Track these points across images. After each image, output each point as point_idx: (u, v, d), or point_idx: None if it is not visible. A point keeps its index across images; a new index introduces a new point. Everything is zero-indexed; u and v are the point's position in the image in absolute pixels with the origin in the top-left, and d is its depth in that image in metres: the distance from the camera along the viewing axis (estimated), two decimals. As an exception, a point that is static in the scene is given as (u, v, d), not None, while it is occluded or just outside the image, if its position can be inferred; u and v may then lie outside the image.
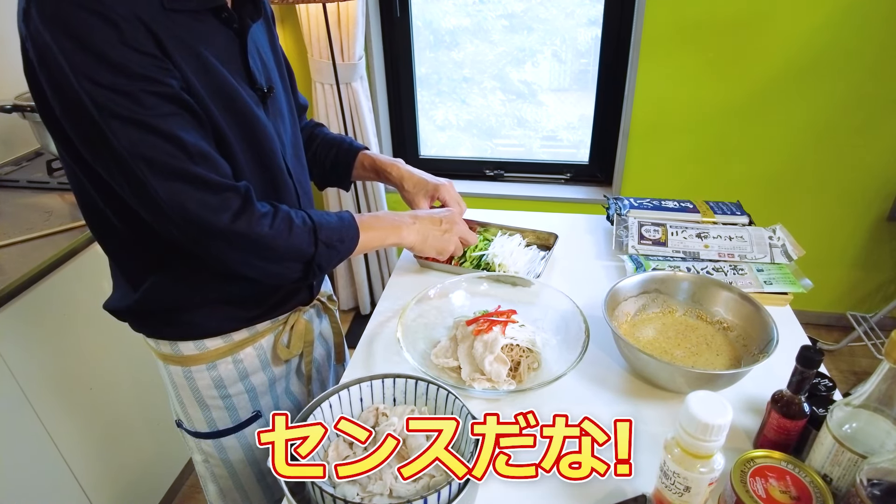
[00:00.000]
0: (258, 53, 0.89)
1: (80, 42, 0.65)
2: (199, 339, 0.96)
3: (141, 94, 0.69)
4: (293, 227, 0.82)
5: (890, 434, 0.65)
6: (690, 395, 0.63)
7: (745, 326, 0.97)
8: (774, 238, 1.22)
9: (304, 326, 1.07)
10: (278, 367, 1.07)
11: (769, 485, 0.68)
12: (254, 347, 1.01)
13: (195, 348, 0.96)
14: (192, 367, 0.98)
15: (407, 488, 0.71)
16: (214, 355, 0.98)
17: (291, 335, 1.05)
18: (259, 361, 1.03)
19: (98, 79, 0.67)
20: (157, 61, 0.70)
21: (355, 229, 0.91)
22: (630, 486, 0.78)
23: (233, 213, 0.77)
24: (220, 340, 0.97)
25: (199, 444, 1.07)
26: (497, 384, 0.91)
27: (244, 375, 1.02)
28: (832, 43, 2.01)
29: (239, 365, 1.01)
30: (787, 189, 2.31)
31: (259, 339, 1.02)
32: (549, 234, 1.33)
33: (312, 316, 1.13)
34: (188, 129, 0.73)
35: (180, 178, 0.73)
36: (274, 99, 0.91)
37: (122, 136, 0.69)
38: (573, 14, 2.33)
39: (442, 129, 2.71)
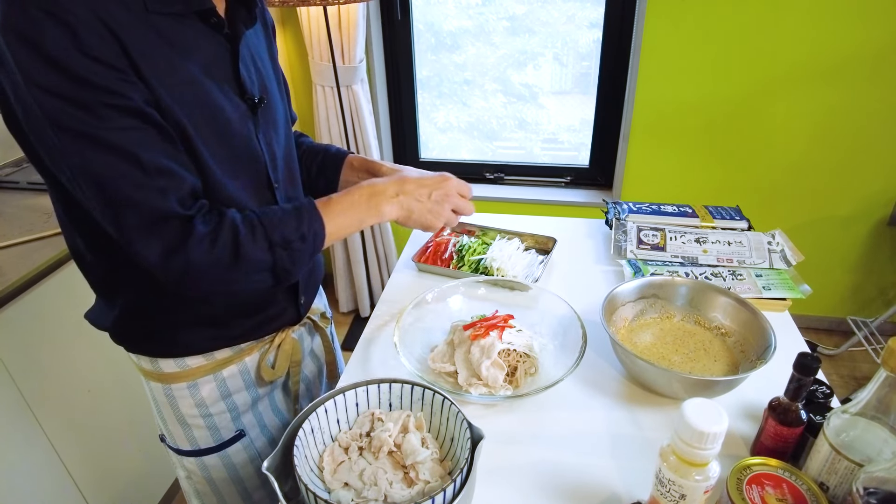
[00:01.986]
0: (252, 61, 0.85)
1: (32, 45, 0.61)
2: (180, 356, 0.92)
3: (96, 106, 0.64)
4: (240, 240, 0.75)
5: (887, 442, 0.65)
6: (686, 402, 0.63)
7: (743, 332, 0.96)
8: (773, 243, 1.22)
9: (292, 346, 1.03)
10: (262, 388, 1.03)
11: (765, 492, 0.68)
12: (237, 366, 0.97)
13: (176, 366, 0.92)
14: (173, 385, 0.94)
15: (402, 494, 0.71)
16: (196, 373, 0.93)
17: (277, 355, 1.01)
18: (242, 381, 0.99)
19: (49, 86, 0.62)
20: (116, 73, 0.65)
21: (318, 219, 0.81)
22: (626, 493, 0.77)
23: (167, 249, 0.71)
24: (201, 359, 0.93)
25: (181, 461, 1.04)
26: (494, 389, 0.91)
27: (226, 395, 0.98)
28: (833, 48, 2.01)
29: (221, 384, 0.96)
30: (788, 193, 2.31)
31: (243, 358, 0.97)
32: (548, 239, 1.33)
33: (303, 334, 1.09)
34: (148, 145, 0.68)
35: (127, 204, 0.69)
36: (267, 109, 0.86)
37: (73, 151, 0.65)
38: (574, 17, 2.33)
39: (443, 132, 2.71)
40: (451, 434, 0.78)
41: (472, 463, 0.69)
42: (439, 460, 0.77)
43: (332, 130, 2.33)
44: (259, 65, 0.87)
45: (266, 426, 1.06)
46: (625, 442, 0.85)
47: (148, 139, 0.68)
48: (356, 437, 0.79)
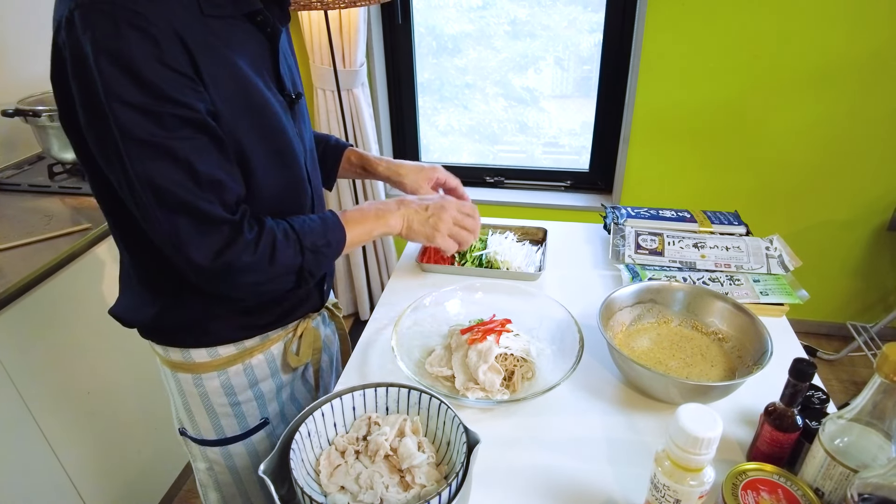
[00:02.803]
0: (285, 58, 0.90)
1: (118, 58, 0.64)
2: (211, 346, 0.96)
3: (164, 116, 0.68)
4: (276, 245, 0.81)
5: (882, 448, 0.65)
6: (681, 407, 0.63)
7: (740, 337, 0.97)
8: (771, 249, 1.22)
9: (313, 334, 1.08)
10: (286, 375, 1.07)
11: (761, 498, 0.68)
12: (264, 354, 1.01)
13: (208, 356, 0.96)
14: (203, 375, 0.98)
15: (398, 498, 0.71)
16: (226, 362, 0.97)
17: (300, 343, 1.06)
18: (269, 368, 1.03)
19: (128, 98, 0.66)
20: (189, 81, 0.69)
21: (340, 228, 0.89)
22: (622, 498, 0.78)
23: (216, 251, 0.76)
24: (232, 348, 0.97)
25: (204, 452, 1.07)
26: (491, 394, 0.91)
27: (254, 382, 1.02)
28: (833, 53, 2.01)
29: (249, 372, 1.00)
30: (788, 198, 2.31)
31: (270, 346, 1.02)
32: (538, 229, 1.39)
33: (319, 323, 1.13)
34: (204, 155, 0.73)
35: (183, 210, 0.73)
36: (300, 103, 0.92)
37: (137, 159, 0.69)
38: (576, 21, 2.33)
39: (444, 135, 2.72)
40: (448, 438, 0.78)
41: (467, 467, 0.69)
42: (435, 464, 0.77)
43: (333, 134, 2.33)
44: (289, 61, 0.92)
45: (286, 416, 1.10)
46: (621, 447, 0.85)
47: (205, 149, 0.73)
48: (353, 440, 0.79)
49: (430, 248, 1.33)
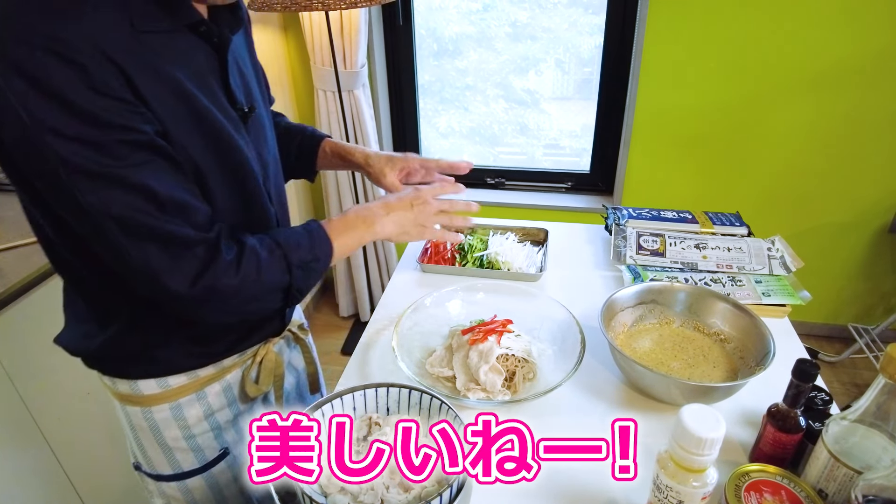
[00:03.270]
0: (238, 68, 0.83)
1: (42, 88, 0.58)
2: (161, 376, 0.88)
3: (112, 145, 0.63)
4: (261, 264, 0.76)
5: (886, 449, 0.65)
6: (684, 408, 0.63)
7: (742, 338, 0.96)
8: (773, 250, 1.21)
9: (274, 360, 0.99)
10: (245, 404, 0.99)
11: (764, 499, 0.68)
12: (220, 383, 0.94)
13: (157, 387, 0.88)
14: (153, 408, 0.90)
15: (398, 499, 0.71)
16: (177, 393, 0.90)
17: (260, 370, 0.97)
18: (225, 398, 0.95)
19: (63, 130, 0.60)
20: (129, 105, 0.63)
21: (327, 240, 0.84)
22: (624, 499, 0.77)
23: (194, 276, 0.71)
24: (184, 377, 0.90)
25: (160, 488, 0.98)
26: (492, 394, 0.91)
27: (209, 413, 0.94)
28: (834, 55, 2.01)
29: (204, 402, 0.93)
30: (789, 200, 2.31)
31: (226, 375, 0.94)
32: (539, 230, 1.38)
33: (282, 347, 1.06)
34: (162, 178, 0.67)
35: (150, 237, 0.68)
36: (255, 116, 0.85)
37: (90, 192, 0.63)
38: (576, 23, 2.34)
39: (444, 137, 2.72)
40: (449, 439, 0.77)
41: (468, 468, 0.69)
42: (436, 465, 0.76)
43: (334, 135, 2.34)
44: (244, 69, 0.85)
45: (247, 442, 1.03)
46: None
47: (161, 172, 0.68)
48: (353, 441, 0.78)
49: (430, 248, 1.33)
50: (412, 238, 0.95)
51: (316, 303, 2.90)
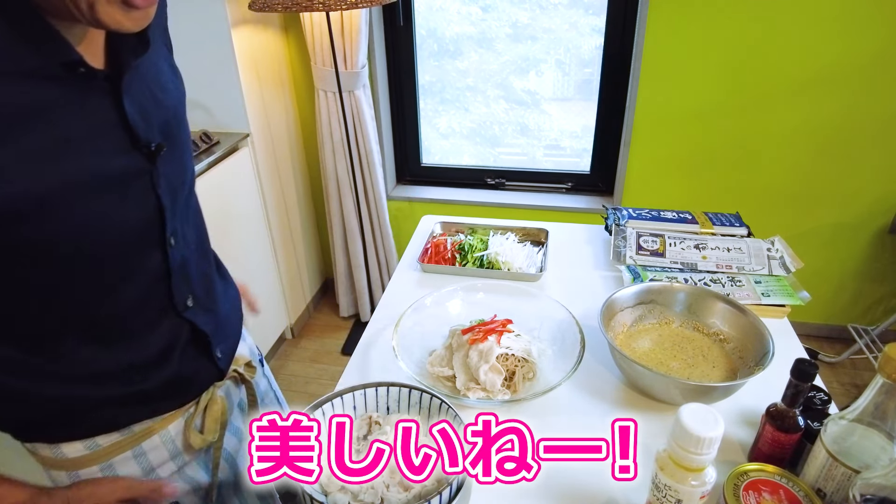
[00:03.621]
0: (148, 92, 0.69)
1: None
2: (89, 437, 0.76)
3: None
4: None
5: (884, 449, 0.65)
6: (682, 407, 0.63)
7: (741, 338, 0.97)
8: (773, 250, 1.22)
9: (221, 406, 0.87)
10: (190, 454, 0.87)
11: (762, 498, 0.68)
12: (160, 436, 0.81)
13: (84, 448, 0.75)
14: (82, 471, 0.76)
15: (398, 497, 0.71)
16: (109, 452, 0.77)
17: (205, 418, 0.85)
18: (167, 451, 0.83)
19: None
20: None
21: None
22: (623, 498, 0.77)
23: None
24: (116, 435, 0.77)
25: None
26: (492, 394, 0.91)
27: (149, 470, 0.81)
28: (833, 55, 2.01)
29: (142, 459, 0.80)
30: (789, 200, 2.31)
31: (167, 426, 0.81)
32: (539, 230, 1.39)
33: (230, 388, 0.92)
34: None
35: None
36: (171, 145, 0.71)
37: None
38: (577, 24, 2.34)
39: (445, 137, 2.72)
40: (449, 438, 0.78)
41: (468, 467, 0.69)
42: (436, 464, 0.77)
43: (335, 136, 2.34)
44: (157, 92, 0.71)
45: (200, 486, 0.90)
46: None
47: None
48: (353, 440, 0.79)
49: (430, 248, 1.33)
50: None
51: (316, 303, 2.90)
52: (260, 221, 2.30)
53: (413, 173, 2.76)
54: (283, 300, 2.54)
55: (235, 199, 2.13)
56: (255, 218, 2.27)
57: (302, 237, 2.67)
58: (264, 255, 2.35)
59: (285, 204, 2.50)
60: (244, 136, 2.14)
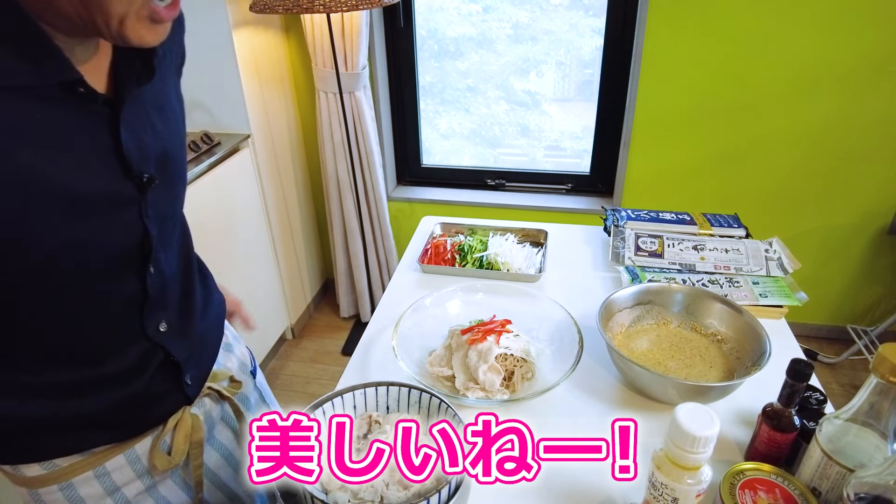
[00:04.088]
0: (147, 121, 0.67)
1: None
2: (46, 460, 0.73)
3: None
4: None
5: (878, 448, 0.66)
6: (678, 406, 0.64)
7: (738, 339, 0.97)
8: (771, 251, 1.22)
9: (191, 423, 0.83)
10: (160, 474, 0.83)
11: (758, 497, 0.69)
12: (125, 456, 0.78)
13: (42, 469, 0.74)
14: (41, 490, 0.74)
15: (398, 496, 0.72)
16: (70, 472, 0.74)
17: (175, 436, 0.81)
18: (133, 471, 0.79)
19: None
20: None
21: None
22: (621, 497, 0.78)
23: None
24: (77, 455, 0.74)
25: None
26: (491, 393, 0.92)
27: (113, 489, 0.78)
28: (833, 57, 2.02)
29: (105, 479, 0.77)
30: (789, 201, 2.32)
31: (132, 445, 0.78)
32: (539, 231, 1.39)
33: (206, 404, 0.88)
34: None
35: None
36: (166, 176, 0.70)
37: None
38: (577, 25, 2.35)
39: (445, 138, 2.73)
40: (448, 437, 0.78)
41: (467, 465, 0.70)
42: (435, 463, 0.77)
43: (335, 137, 2.35)
44: (157, 122, 0.69)
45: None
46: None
47: None
48: (353, 438, 0.79)
49: (430, 249, 1.34)
50: None
51: (317, 303, 2.91)
52: (260, 222, 2.31)
53: (413, 174, 2.77)
54: (283, 300, 2.54)
55: (236, 199, 2.14)
56: (256, 219, 2.28)
57: (302, 238, 2.68)
58: (265, 255, 2.36)
59: (286, 205, 2.51)
60: (245, 137, 2.14)
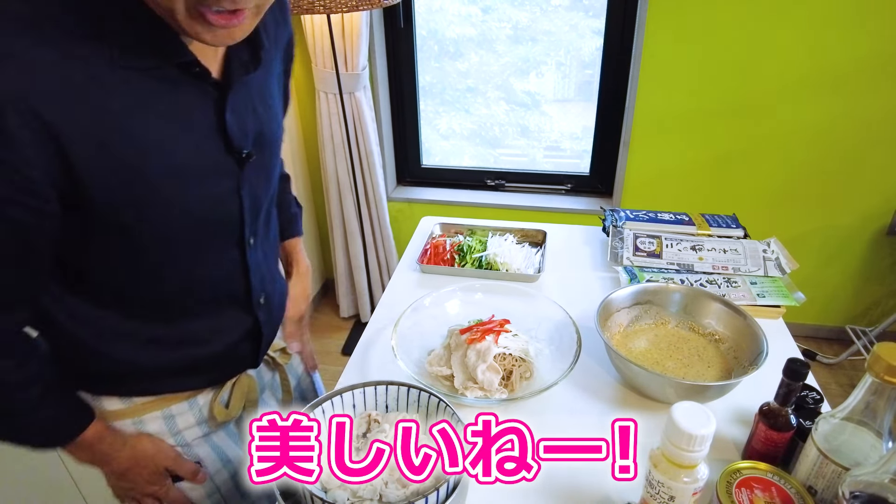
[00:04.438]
0: (251, 105, 0.76)
1: None
2: (126, 396, 0.84)
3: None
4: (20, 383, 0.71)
5: (874, 447, 0.66)
6: (675, 405, 0.64)
7: (736, 338, 0.98)
8: (769, 251, 1.23)
9: (248, 384, 0.94)
10: (216, 424, 0.93)
11: (754, 496, 0.69)
12: (188, 403, 0.88)
13: (121, 403, 0.84)
14: (116, 423, 0.84)
15: (396, 494, 0.72)
16: (142, 410, 0.85)
17: (232, 393, 0.92)
18: (194, 418, 0.89)
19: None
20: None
21: (74, 431, 0.77)
22: (618, 496, 0.79)
23: None
24: (151, 397, 0.85)
25: None
26: (489, 393, 0.92)
27: (176, 432, 0.88)
28: (832, 57, 2.02)
29: (170, 421, 0.87)
30: (788, 202, 2.32)
31: (195, 395, 0.89)
32: (537, 231, 1.40)
33: (262, 370, 1.00)
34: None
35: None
36: (260, 156, 0.78)
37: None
38: (577, 26, 2.35)
39: (445, 138, 2.73)
40: (446, 436, 0.79)
41: (465, 464, 0.70)
42: (434, 461, 0.78)
43: (335, 137, 2.35)
44: (258, 107, 0.78)
45: (230, 460, 0.95)
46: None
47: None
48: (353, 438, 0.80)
49: (430, 249, 1.34)
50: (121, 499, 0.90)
51: (317, 304, 2.91)
52: (261, 222, 2.31)
53: (413, 174, 2.77)
54: (283, 300, 2.54)
55: (237, 199, 2.13)
56: (257, 219, 2.27)
57: (303, 238, 2.68)
58: (265, 255, 2.36)
59: (286, 205, 2.51)
60: (245, 138, 2.14)
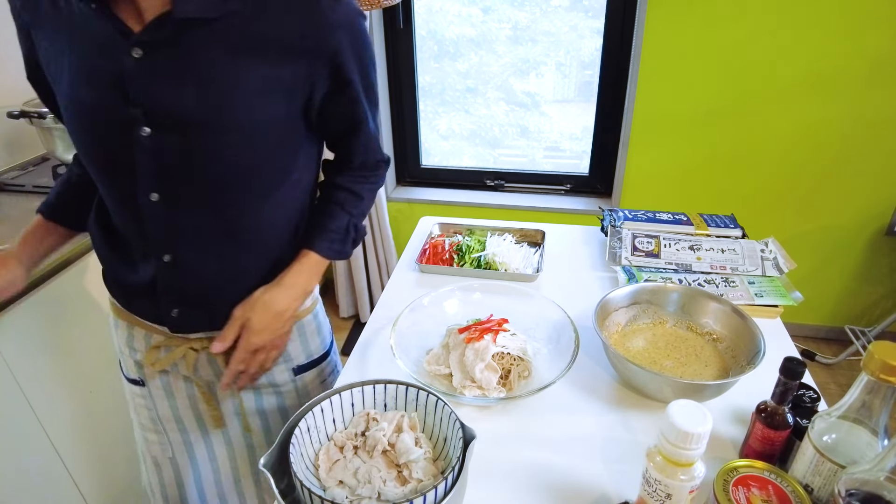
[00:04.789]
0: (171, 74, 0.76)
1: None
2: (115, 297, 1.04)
3: None
4: None
5: (870, 445, 0.66)
6: (672, 403, 0.65)
7: (733, 338, 0.98)
8: (766, 251, 1.23)
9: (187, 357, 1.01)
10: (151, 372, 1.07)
11: (751, 494, 0.69)
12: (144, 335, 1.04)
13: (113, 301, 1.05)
14: (110, 317, 1.06)
15: (395, 492, 0.72)
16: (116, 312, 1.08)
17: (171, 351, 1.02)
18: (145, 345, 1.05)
19: None
20: None
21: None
22: (615, 494, 0.79)
23: None
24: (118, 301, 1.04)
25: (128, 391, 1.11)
26: (487, 392, 0.92)
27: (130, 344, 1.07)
28: (831, 58, 2.03)
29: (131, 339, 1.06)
30: (787, 202, 2.33)
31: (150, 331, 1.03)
32: (536, 231, 1.40)
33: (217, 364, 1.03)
34: None
35: None
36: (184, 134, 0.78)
37: None
38: (577, 26, 2.35)
39: (445, 139, 2.74)
40: (445, 434, 0.79)
41: (463, 462, 0.71)
42: (432, 460, 0.78)
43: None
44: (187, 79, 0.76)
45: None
46: (615, 444, 0.86)
47: None
48: (351, 436, 0.80)
49: (429, 249, 1.35)
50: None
51: (317, 303, 2.91)
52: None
53: (413, 175, 2.77)
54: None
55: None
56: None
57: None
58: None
59: (286, 205, 2.50)
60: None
